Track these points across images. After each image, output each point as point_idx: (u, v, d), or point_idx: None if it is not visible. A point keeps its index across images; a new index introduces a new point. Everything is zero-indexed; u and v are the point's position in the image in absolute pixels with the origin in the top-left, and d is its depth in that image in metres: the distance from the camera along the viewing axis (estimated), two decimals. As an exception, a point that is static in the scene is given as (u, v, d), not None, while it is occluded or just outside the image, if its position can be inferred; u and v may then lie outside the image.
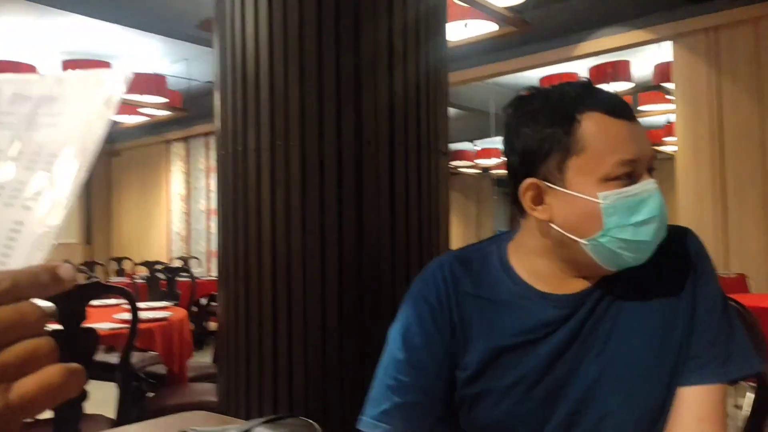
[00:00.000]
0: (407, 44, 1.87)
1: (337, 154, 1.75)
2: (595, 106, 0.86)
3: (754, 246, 4.33)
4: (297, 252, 1.75)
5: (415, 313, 0.97)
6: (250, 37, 1.82)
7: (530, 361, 0.91)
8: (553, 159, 0.87)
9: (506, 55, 5.56)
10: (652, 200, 0.85)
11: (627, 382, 0.89)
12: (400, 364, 0.95)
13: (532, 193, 0.90)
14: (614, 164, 0.84)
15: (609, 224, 0.84)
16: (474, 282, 0.97)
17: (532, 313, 0.93)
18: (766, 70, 4.32)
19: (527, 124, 0.89)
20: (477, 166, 11.03)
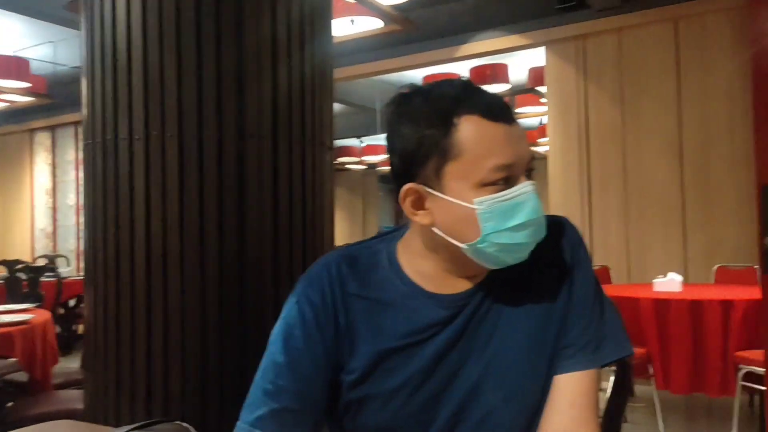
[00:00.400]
0: (291, 37, 1.84)
1: (217, 147, 1.69)
2: (472, 109, 0.84)
3: (615, 240, 4.70)
4: (174, 249, 1.66)
5: (298, 314, 0.94)
6: (121, 20, 1.71)
7: (415, 363, 0.91)
8: (432, 163, 0.85)
9: (392, 53, 5.64)
10: (528, 203, 0.85)
11: (508, 379, 0.91)
12: (280, 368, 0.92)
13: (412, 198, 0.89)
14: (490, 169, 0.83)
15: (486, 230, 0.85)
16: (361, 282, 0.95)
17: (419, 313, 0.92)
18: (628, 76, 4.69)
19: (406, 124, 0.88)
20: (363, 162, 11.12)
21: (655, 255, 4.55)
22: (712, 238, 4.38)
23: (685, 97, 4.49)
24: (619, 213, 4.70)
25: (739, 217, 4.26)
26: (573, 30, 4.82)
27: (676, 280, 3.58)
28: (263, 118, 1.75)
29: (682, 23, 4.50)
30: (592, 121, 4.82)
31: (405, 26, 4.34)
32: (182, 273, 1.67)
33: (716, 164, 4.39)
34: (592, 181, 4.80)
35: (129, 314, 1.71)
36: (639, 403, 4.02)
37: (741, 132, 4.24)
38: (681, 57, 4.51)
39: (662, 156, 4.56)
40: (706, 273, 4.30)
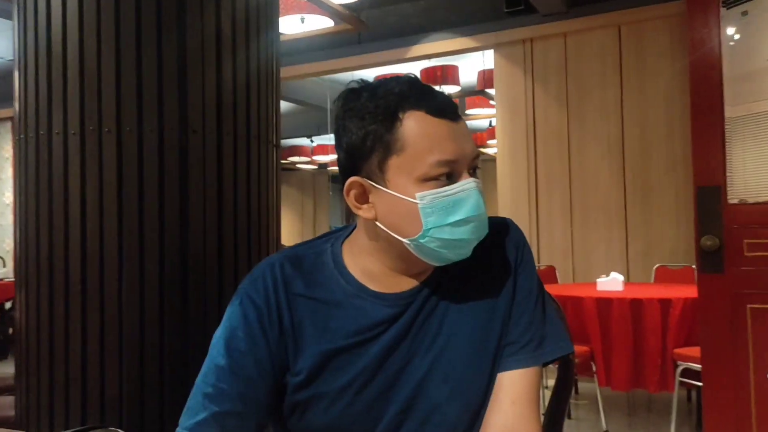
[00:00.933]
0: (236, 32, 1.80)
1: (158, 142, 1.63)
2: (417, 105, 0.85)
3: (561, 240, 4.80)
4: (111, 249, 1.60)
5: (241, 316, 0.92)
6: (56, 10, 1.63)
7: (362, 362, 0.91)
8: (375, 157, 0.86)
9: (343, 52, 5.62)
10: (469, 200, 0.86)
11: (453, 376, 0.92)
12: (221, 371, 0.90)
13: (356, 192, 0.89)
14: (431, 164, 0.84)
15: (427, 225, 0.85)
16: (306, 282, 0.94)
17: (365, 313, 0.92)
18: (572, 80, 4.80)
19: (352, 119, 0.88)
20: (314, 162, 11.05)
21: (599, 255, 4.67)
22: (651, 238, 4.53)
23: (627, 101, 4.63)
24: (564, 214, 4.80)
25: (677, 218, 4.42)
26: (520, 34, 4.91)
27: (618, 279, 3.68)
28: (207, 113, 1.71)
29: (624, 29, 4.63)
30: (539, 124, 4.91)
31: (356, 26, 4.33)
32: (120, 273, 1.61)
33: (656, 167, 4.54)
34: (539, 183, 4.89)
35: (63, 316, 1.64)
36: (582, 399, 4.12)
37: (679, 137, 4.40)
38: (623, 63, 4.64)
39: (605, 159, 4.69)
40: (647, 272, 4.44)
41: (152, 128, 1.61)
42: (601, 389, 3.48)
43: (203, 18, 1.70)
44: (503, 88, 5.06)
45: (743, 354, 2.39)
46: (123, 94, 1.59)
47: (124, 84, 1.59)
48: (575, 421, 3.70)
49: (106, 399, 1.62)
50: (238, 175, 1.78)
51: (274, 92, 1.99)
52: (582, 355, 3.33)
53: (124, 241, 1.61)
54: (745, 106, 3.72)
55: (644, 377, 3.28)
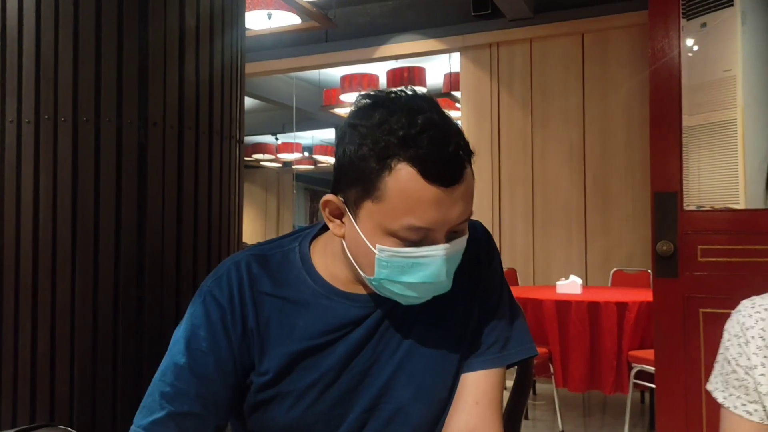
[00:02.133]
0: (200, 25, 1.76)
1: (116, 133, 1.59)
2: (413, 160, 0.78)
3: (522, 243, 4.87)
4: (65, 243, 1.55)
5: (203, 314, 0.90)
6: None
7: (328, 361, 0.90)
8: (355, 190, 0.82)
9: (310, 50, 5.59)
10: (430, 267, 0.82)
11: (419, 376, 0.92)
12: (181, 370, 0.88)
13: (330, 208, 0.88)
14: (403, 227, 0.80)
15: (379, 275, 0.84)
16: (273, 281, 0.92)
17: (333, 313, 0.91)
18: (537, 86, 4.87)
19: (354, 134, 0.82)
20: (279, 160, 10.95)
21: (559, 258, 4.75)
22: (610, 243, 4.62)
23: (589, 108, 4.72)
24: (525, 217, 4.86)
25: (635, 223, 4.52)
26: (487, 38, 4.96)
27: (577, 282, 3.74)
28: (168, 106, 1.67)
29: (588, 37, 4.72)
30: (503, 127, 4.97)
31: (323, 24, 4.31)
32: (73, 268, 1.56)
33: (615, 174, 4.63)
34: (502, 186, 4.95)
35: (12, 311, 1.58)
36: (540, 400, 4.18)
37: (638, 144, 4.50)
38: (586, 70, 4.73)
39: (567, 164, 4.77)
40: (605, 276, 4.53)
41: (110, 119, 1.56)
42: (558, 390, 3.53)
43: (166, 9, 1.67)
44: (469, 91, 5.11)
45: (695, 357, 2.45)
46: (80, 84, 1.54)
47: (81, 73, 1.54)
48: (532, 422, 3.75)
49: (56, 397, 1.56)
50: (199, 170, 1.75)
51: (238, 87, 1.96)
52: (540, 356, 3.38)
53: (78, 235, 1.56)
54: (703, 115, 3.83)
55: (600, 379, 3.35)
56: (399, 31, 5.26)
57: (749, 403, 0.86)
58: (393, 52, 5.33)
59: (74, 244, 1.56)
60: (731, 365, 0.88)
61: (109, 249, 1.59)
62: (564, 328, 3.40)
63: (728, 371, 0.89)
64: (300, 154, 10.20)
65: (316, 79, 7.65)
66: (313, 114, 7.96)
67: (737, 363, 0.87)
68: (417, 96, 0.84)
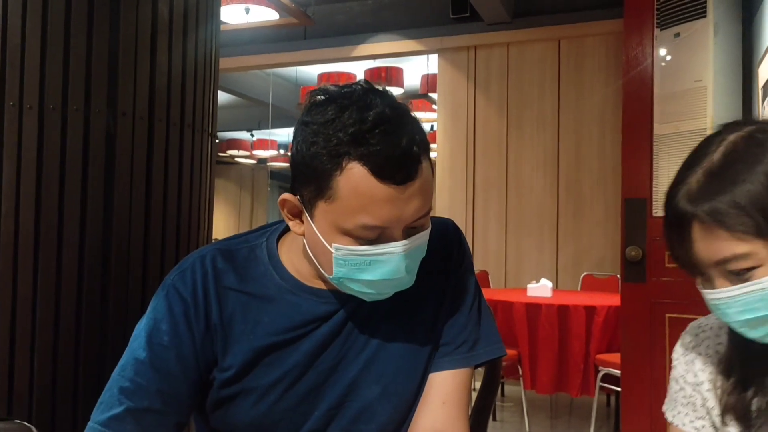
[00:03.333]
0: (174, 16, 1.74)
1: (84, 123, 1.56)
2: (364, 159, 0.76)
3: (495, 245, 4.90)
4: (27, 232, 1.51)
5: (165, 308, 0.88)
6: (-22, -24, 1.53)
7: (293, 357, 0.88)
8: (309, 189, 0.81)
9: (288, 47, 5.55)
10: (388, 264, 0.81)
11: (386, 375, 0.91)
12: (141, 365, 0.86)
13: (288, 206, 0.86)
14: (357, 226, 0.78)
15: (338, 274, 0.83)
16: (239, 276, 0.90)
17: (298, 309, 0.89)
18: (513, 89, 4.90)
19: (306, 132, 0.80)
20: (253, 156, 10.87)
21: (530, 261, 4.79)
22: (581, 247, 4.67)
23: (564, 113, 4.77)
24: (499, 220, 4.89)
25: (605, 229, 4.58)
26: (465, 40, 4.98)
27: (548, 285, 3.78)
28: (138, 96, 1.64)
29: (564, 43, 4.77)
30: (479, 129, 4.99)
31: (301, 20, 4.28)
32: (36, 259, 1.52)
33: (587, 179, 4.69)
34: (477, 188, 4.97)
35: (-30, 303, 1.53)
36: (508, 402, 4.21)
37: (610, 151, 4.56)
38: (561, 76, 4.78)
39: (540, 168, 4.81)
40: (575, 280, 4.58)
41: (78, 107, 1.53)
42: (526, 392, 3.56)
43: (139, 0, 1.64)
44: (446, 93, 5.12)
45: (660, 361, 2.49)
46: (47, 71, 1.51)
47: (49, 60, 1.51)
48: (500, 423, 3.78)
49: (14, 391, 1.52)
50: (169, 162, 1.72)
51: (212, 80, 1.93)
52: (510, 358, 3.40)
53: (42, 226, 1.52)
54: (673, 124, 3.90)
55: (567, 381, 3.38)
56: (378, 30, 5.26)
57: (697, 420, 0.86)
58: (371, 52, 5.32)
59: (37, 236, 1.52)
60: (679, 383, 0.89)
61: (74, 241, 1.55)
62: (533, 330, 3.43)
63: (676, 389, 0.90)
64: (275, 151, 10.14)
65: (293, 76, 7.61)
66: (290, 111, 7.91)
67: (685, 381, 0.88)
68: (370, 90, 0.81)
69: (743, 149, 0.72)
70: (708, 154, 0.74)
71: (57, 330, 1.54)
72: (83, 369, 1.56)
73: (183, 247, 1.79)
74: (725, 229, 0.70)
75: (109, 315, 1.60)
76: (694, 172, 0.74)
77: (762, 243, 0.69)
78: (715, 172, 0.72)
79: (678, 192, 0.74)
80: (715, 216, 0.70)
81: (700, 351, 0.88)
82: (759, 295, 0.71)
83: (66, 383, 1.55)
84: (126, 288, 1.63)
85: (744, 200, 0.69)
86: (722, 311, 0.74)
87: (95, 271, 1.58)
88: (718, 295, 0.74)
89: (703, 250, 0.72)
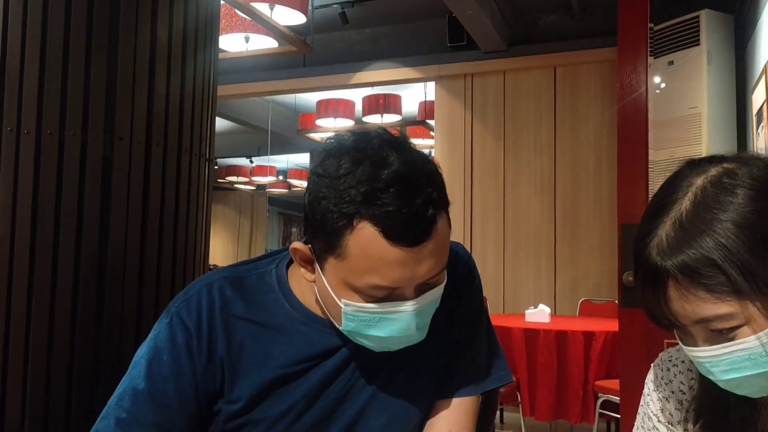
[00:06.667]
0: (173, 43, 1.76)
1: (81, 148, 1.57)
2: (376, 220, 0.74)
3: (493, 271, 4.89)
4: (22, 258, 1.51)
5: (168, 337, 0.86)
6: (-20, 4, 1.56)
7: (302, 388, 0.87)
8: (320, 242, 0.79)
9: (287, 74, 5.61)
10: (397, 323, 0.79)
11: (393, 404, 0.90)
12: (139, 396, 0.84)
13: (300, 254, 0.85)
14: (367, 285, 0.77)
15: (347, 327, 0.82)
16: (248, 304, 0.88)
17: (309, 340, 0.88)
18: (509, 116, 4.94)
19: (319, 183, 0.78)
20: (253, 182, 10.90)
21: (528, 287, 4.77)
22: (578, 273, 4.66)
23: (560, 141, 4.80)
24: (496, 246, 4.89)
25: (602, 254, 4.58)
26: (461, 68, 5.03)
27: (545, 311, 3.76)
28: (136, 121, 1.65)
29: (559, 71, 4.82)
30: (476, 156, 5.02)
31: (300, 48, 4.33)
32: (30, 285, 1.51)
33: (584, 205, 4.70)
34: (474, 214, 4.98)
35: (-36, 327, 1.53)
36: (507, 429, 4.15)
37: (606, 177, 4.58)
38: (557, 103, 4.82)
39: (537, 195, 4.83)
40: (573, 306, 4.56)
41: (75, 132, 1.54)
42: (525, 419, 3.52)
43: (137, 25, 1.66)
44: (443, 119, 5.16)
45: (659, 387, 2.47)
46: (45, 96, 1.52)
47: (47, 85, 1.52)
48: (499, 452, 3.72)
49: (6, 417, 1.51)
50: (166, 187, 1.73)
51: (209, 106, 1.95)
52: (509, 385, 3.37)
53: (38, 250, 1.53)
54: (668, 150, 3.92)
55: (566, 408, 3.35)
56: (376, 58, 5.32)
57: None
58: (369, 79, 5.38)
59: (32, 260, 1.52)
60: (652, 421, 0.85)
61: (69, 266, 1.55)
62: (532, 356, 3.41)
63: (649, 427, 0.86)
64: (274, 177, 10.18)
65: (292, 103, 7.67)
66: (289, 138, 7.96)
67: (659, 419, 0.85)
68: (387, 143, 0.78)
69: (712, 197, 0.67)
70: (676, 201, 0.69)
71: (50, 354, 1.53)
72: (76, 393, 1.55)
73: (179, 273, 1.79)
74: (704, 289, 0.65)
75: (103, 339, 1.59)
76: (662, 222, 0.69)
77: (742, 302, 0.64)
78: (684, 223, 0.67)
79: (648, 245, 0.69)
80: (690, 275, 0.65)
81: (673, 388, 0.84)
82: (745, 355, 0.66)
83: (59, 407, 1.53)
84: (121, 313, 1.63)
85: (717, 256, 0.64)
86: (707, 369, 0.70)
87: (90, 296, 1.58)
88: (701, 353, 0.69)
89: (681, 309, 0.67)
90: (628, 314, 2.56)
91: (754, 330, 0.66)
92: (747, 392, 0.70)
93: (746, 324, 0.66)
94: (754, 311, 0.65)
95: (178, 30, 1.78)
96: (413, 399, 0.91)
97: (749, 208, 0.65)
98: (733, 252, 0.64)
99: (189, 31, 1.81)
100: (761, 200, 0.66)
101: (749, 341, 0.66)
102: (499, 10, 4.60)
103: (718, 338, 0.68)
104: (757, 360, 0.66)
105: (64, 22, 1.54)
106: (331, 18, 5.01)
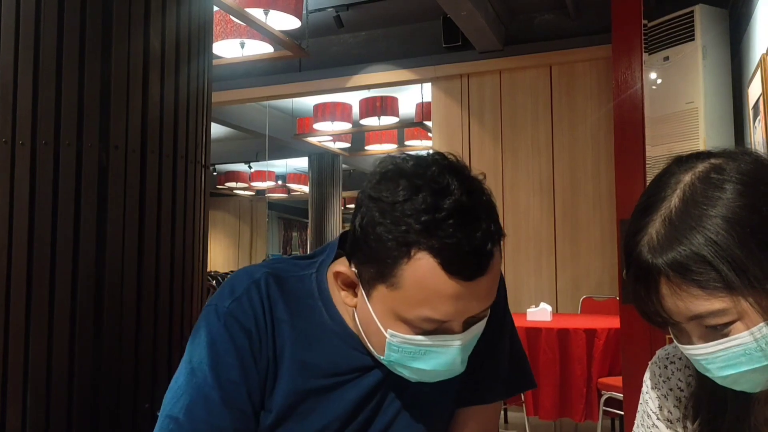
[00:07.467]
0: (166, 50, 1.76)
1: (76, 158, 1.57)
2: (435, 251, 0.71)
3: (494, 271, 4.88)
4: (20, 270, 1.51)
5: (228, 340, 0.81)
6: (-28, 15, 1.56)
7: (336, 407, 0.84)
8: (370, 268, 0.76)
9: (284, 79, 5.61)
10: (443, 356, 0.77)
11: (421, 417, 0.88)
12: (213, 405, 0.79)
13: (342, 278, 0.82)
14: (418, 317, 0.75)
15: (389, 358, 0.79)
16: (288, 308, 0.84)
17: (344, 353, 0.85)
18: (506, 116, 4.95)
19: (372, 207, 0.74)
20: (252, 188, 10.91)
21: (529, 286, 4.77)
22: (579, 271, 4.66)
23: (557, 138, 4.80)
24: (497, 245, 4.89)
25: (603, 252, 4.57)
26: (458, 69, 5.04)
27: (547, 309, 3.76)
28: (131, 128, 1.65)
29: (555, 70, 4.82)
30: (474, 156, 5.02)
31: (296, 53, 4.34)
32: (28, 293, 1.51)
33: (583, 203, 4.70)
34: (473, 214, 4.98)
35: (-37, 340, 1.52)
36: (511, 429, 4.15)
37: (605, 175, 4.58)
38: (554, 101, 4.83)
39: (536, 194, 4.83)
40: (574, 303, 4.56)
41: (70, 142, 1.54)
42: (530, 419, 3.51)
43: (130, 33, 1.66)
44: (440, 120, 5.16)
45: (661, 383, 2.46)
46: (40, 106, 1.52)
47: (41, 96, 1.52)
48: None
49: (7, 428, 1.50)
50: (162, 194, 1.73)
51: (204, 112, 1.95)
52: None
53: (35, 261, 1.52)
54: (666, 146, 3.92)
55: (570, 406, 3.34)
56: (372, 61, 5.33)
57: None
58: (366, 82, 5.38)
59: (30, 270, 1.52)
60: (651, 419, 0.85)
61: (66, 276, 1.55)
62: (534, 355, 3.40)
63: (649, 424, 0.86)
64: (273, 182, 10.18)
65: (289, 107, 7.68)
66: (287, 142, 7.96)
67: (658, 417, 0.85)
68: (447, 168, 0.75)
69: (700, 193, 0.67)
70: (665, 198, 0.69)
71: (50, 363, 1.53)
72: (77, 402, 1.55)
73: (177, 280, 1.78)
74: (696, 285, 0.65)
75: (103, 348, 1.59)
76: (652, 220, 0.68)
77: (734, 297, 0.64)
78: (674, 220, 0.67)
79: (638, 242, 0.69)
80: (682, 272, 0.65)
81: (671, 386, 0.84)
82: (740, 350, 0.66)
83: (59, 417, 1.53)
84: (120, 321, 1.62)
85: (708, 252, 0.64)
86: (703, 366, 0.70)
87: (88, 305, 1.57)
88: (696, 351, 0.69)
89: (674, 306, 0.67)
90: (630, 311, 2.56)
91: (747, 325, 0.65)
92: (745, 387, 0.70)
93: (739, 319, 0.65)
94: (746, 306, 0.65)
95: (171, 37, 1.78)
96: (441, 409, 0.91)
97: (738, 203, 0.65)
98: (724, 247, 0.64)
99: (182, 37, 1.81)
100: (750, 195, 0.65)
101: (743, 337, 0.66)
102: (494, 10, 4.60)
103: (712, 335, 0.68)
104: (752, 355, 0.66)
105: (56, 32, 1.54)
106: (326, 22, 5.01)
